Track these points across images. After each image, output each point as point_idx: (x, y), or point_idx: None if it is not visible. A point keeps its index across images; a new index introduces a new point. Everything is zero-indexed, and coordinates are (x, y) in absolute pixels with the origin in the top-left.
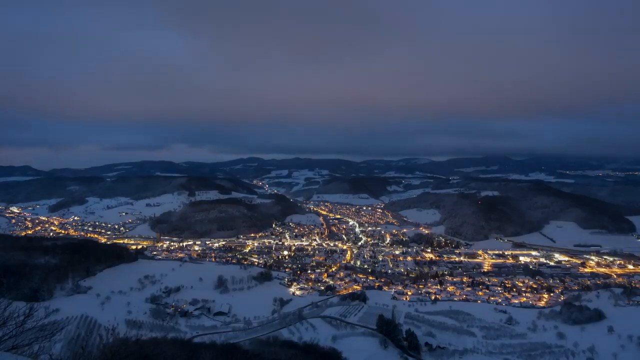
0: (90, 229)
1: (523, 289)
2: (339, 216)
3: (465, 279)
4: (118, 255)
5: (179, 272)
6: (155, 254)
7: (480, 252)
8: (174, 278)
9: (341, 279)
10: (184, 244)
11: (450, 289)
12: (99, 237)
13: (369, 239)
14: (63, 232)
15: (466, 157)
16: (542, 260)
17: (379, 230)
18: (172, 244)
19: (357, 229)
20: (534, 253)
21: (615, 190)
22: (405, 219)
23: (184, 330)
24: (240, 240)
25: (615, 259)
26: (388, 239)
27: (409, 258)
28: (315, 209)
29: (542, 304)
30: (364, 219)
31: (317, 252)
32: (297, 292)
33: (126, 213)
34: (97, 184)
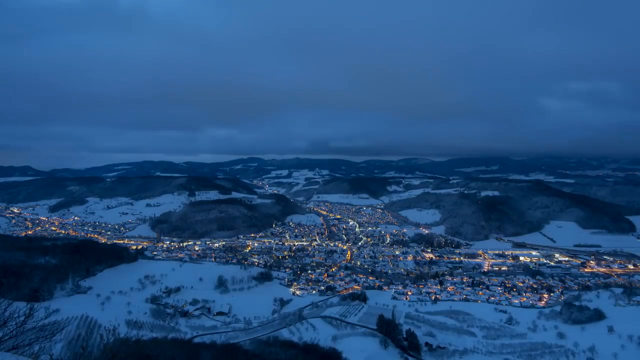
0: (90, 229)
1: (523, 289)
2: (339, 216)
3: (465, 279)
4: (118, 256)
5: (179, 272)
6: (155, 254)
7: (480, 252)
8: (174, 278)
9: (341, 279)
10: (184, 244)
11: (450, 289)
12: (99, 237)
13: (369, 239)
14: (63, 232)
15: (466, 157)
16: (542, 260)
17: (379, 230)
18: (172, 244)
19: (357, 229)
20: (534, 253)
21: (615, 190)
22: (405, 219)
23: (184, 330)
24: (240, 240)
25: (615, 259)
26: (388, 239)
27: (409, 258)
28: (315, 209)
29: (542, 304)
30: (364, 219)
31: (317, 252)
32: (297, 292)
33: (126, 213)
34: (97, 184)
